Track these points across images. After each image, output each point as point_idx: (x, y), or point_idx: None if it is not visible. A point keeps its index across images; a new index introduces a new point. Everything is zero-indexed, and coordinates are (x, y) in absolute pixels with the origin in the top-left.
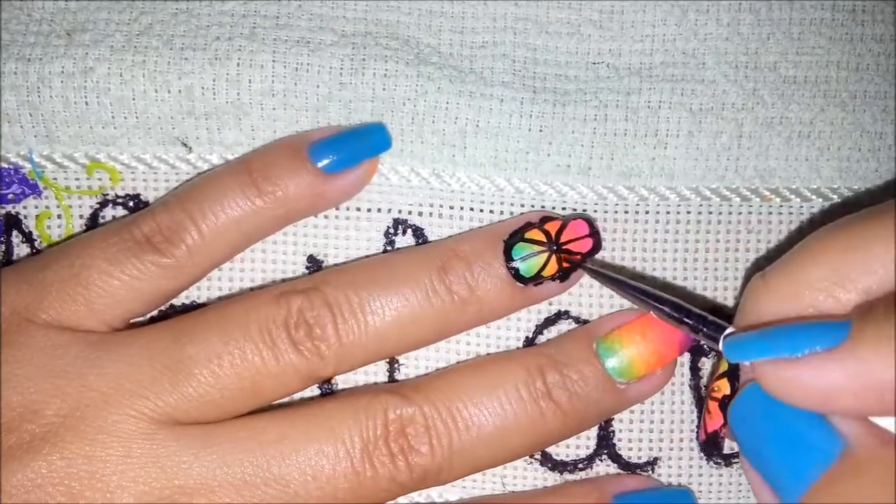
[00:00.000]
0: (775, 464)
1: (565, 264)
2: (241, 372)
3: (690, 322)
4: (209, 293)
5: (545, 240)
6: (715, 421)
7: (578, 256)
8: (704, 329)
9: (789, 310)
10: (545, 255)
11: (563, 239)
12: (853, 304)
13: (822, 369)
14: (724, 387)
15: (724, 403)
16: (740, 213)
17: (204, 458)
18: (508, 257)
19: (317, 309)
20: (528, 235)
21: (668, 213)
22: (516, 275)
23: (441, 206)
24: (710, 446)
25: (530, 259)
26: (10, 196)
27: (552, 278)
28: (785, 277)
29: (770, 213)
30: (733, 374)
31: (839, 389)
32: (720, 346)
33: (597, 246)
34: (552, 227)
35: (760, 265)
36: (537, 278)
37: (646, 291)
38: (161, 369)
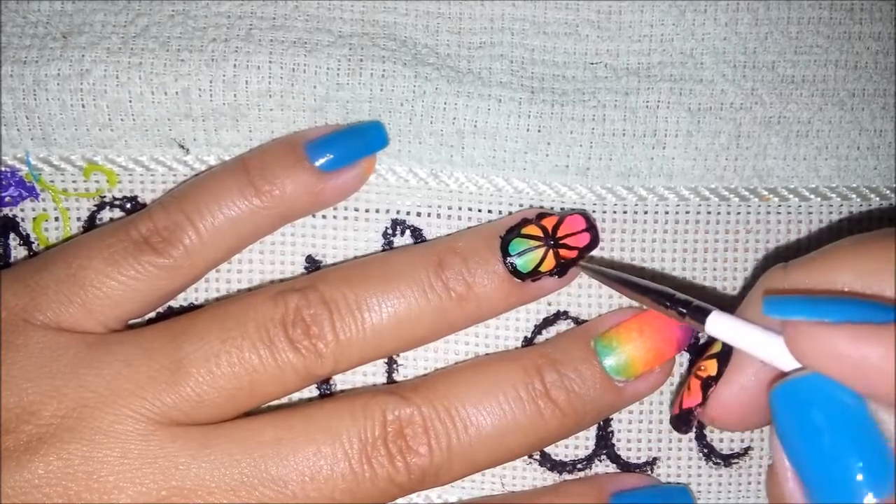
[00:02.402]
0: (812, 468)
1: (563, 258)
2: (238, 371)
3: (676, 307)
4: (207, 294)
5: (542, 235)
6: (693, 399)
7: (576, 252)
8: (688, 312)
9: None
10: (542, 249)
11: (560, 234)
12: None
13: (862, 340)
14: (711, 367)
15: (706, 384)
16: (738, 213)
17: (201, 459)
18: (505, 253)
19: (314, 307)
20: (524, 231)
21: (666, 213)
22: (514, 270)
23: (439, 206)
24: (681, 422)
25: (527, 254)
26: (7, 199)
27: (550, 273)
28: (807, 273)
29: (768, 212)
30: (723, 357)
31: (873, 365)
32: (705, 328)
33: (594, 240)
34: (549, 223)
35: (759, 265)
36: (535, 273)
37: (631, 281)
38: (158, 369)
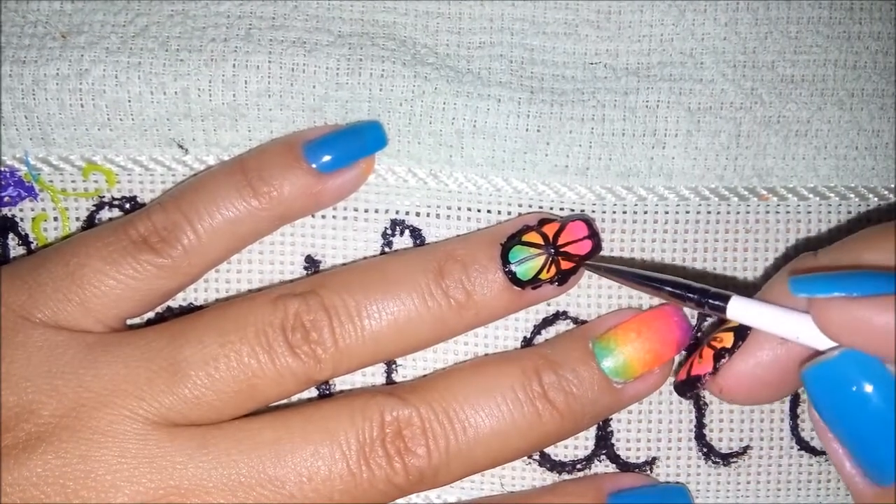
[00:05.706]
0: (866, 448)
1: (563, 267)
2: (237, 375)
3: (694, 297)
4: (206, 294)
5: (543, 242)
6: (703, 367)
7: (576, 260)
8: (709, 301)
9: None
10: (542, 258)
11: (561, 241)
12: None
13: (891, 310)
14: (727, 339)
15: (719, 354)
16: (738, 213)
17: (199, 459)
18: (505, 261)
19: (314, 313)
20: (525, 238)
21: (666, 213)
22: (513, 278)
23: (438, 206)
24: (686, 387)
25: (527, 262)
26: (6, 199)
27: (550, 281)
28: (837, 255)
29: (767, 212)
30: (740, 332)
31: None
32: (726, 313)
33: (596, 248)
34: (550, 230)
35: (758, 265)
36: (535, 281)
37: (646, 276)
38: (157, 371)
